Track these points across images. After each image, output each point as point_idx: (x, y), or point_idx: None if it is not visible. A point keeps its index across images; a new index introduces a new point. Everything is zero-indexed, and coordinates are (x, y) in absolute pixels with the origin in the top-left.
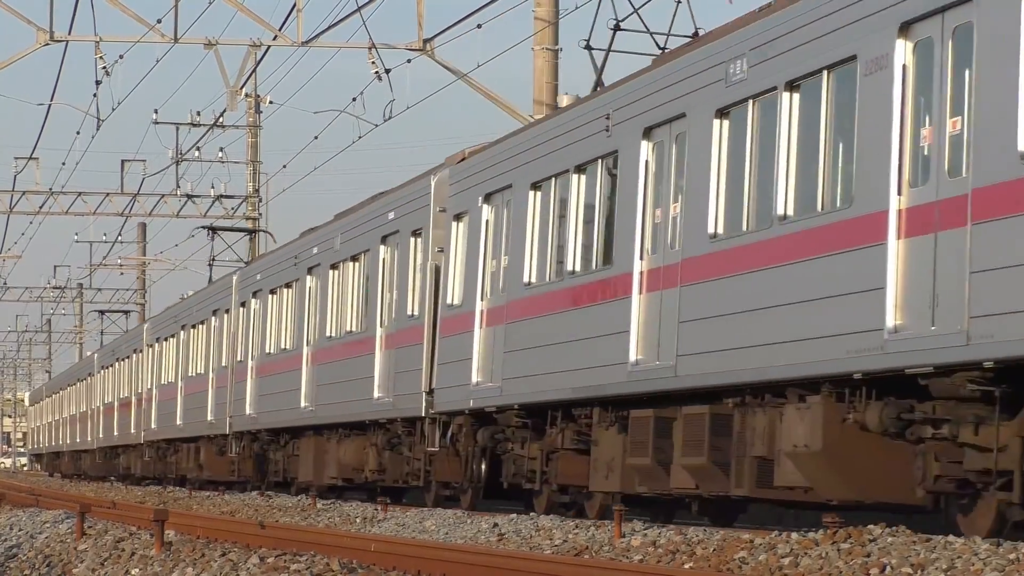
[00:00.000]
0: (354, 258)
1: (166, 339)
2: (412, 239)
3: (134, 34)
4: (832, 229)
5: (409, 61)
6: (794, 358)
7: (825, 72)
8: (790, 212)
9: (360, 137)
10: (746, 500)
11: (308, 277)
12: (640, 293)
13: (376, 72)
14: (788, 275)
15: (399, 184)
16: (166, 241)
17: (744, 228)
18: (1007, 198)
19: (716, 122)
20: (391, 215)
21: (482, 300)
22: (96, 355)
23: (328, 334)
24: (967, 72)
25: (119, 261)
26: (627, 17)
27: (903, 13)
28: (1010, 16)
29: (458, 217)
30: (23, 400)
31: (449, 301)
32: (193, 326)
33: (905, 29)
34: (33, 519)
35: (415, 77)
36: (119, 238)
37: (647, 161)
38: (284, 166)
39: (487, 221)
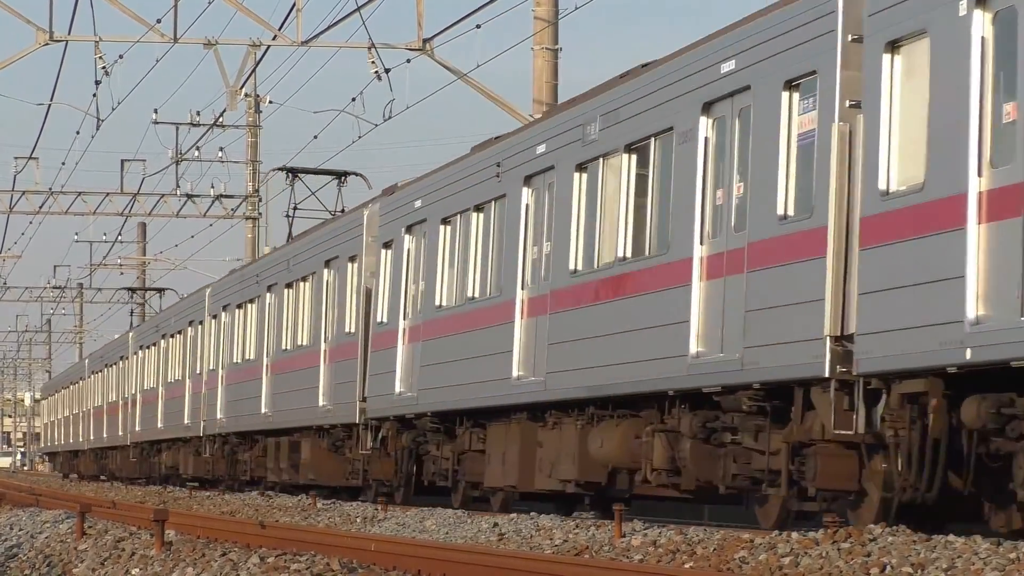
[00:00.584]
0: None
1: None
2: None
3: (134, 34)
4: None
5: (409, 61)
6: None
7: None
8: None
9: (360, 137)
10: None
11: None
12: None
13: (376, 72)
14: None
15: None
16: (166, 241)
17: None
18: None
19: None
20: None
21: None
22: (131, 334)
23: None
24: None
25: (119, 261)
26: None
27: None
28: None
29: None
30: (23, 400)
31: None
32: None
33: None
34: (33, 519)
35: (415, 77)
36: (119, 238)
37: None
38: (284, 166)
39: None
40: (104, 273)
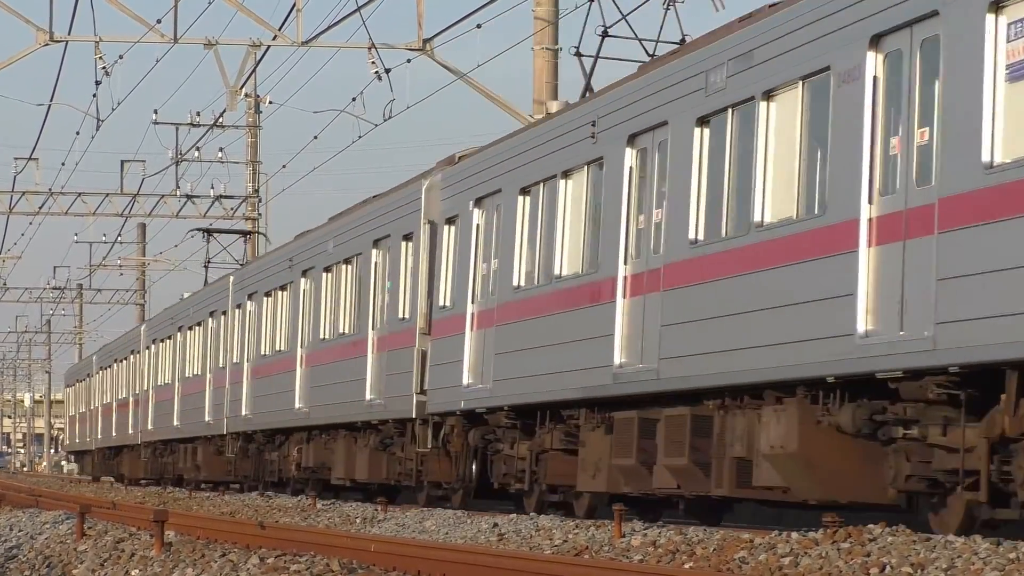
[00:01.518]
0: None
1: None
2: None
3: (134, 34)
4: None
5: (409, 61)
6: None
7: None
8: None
9: (360, 137)
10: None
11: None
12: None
13: (376, 72)
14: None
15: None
16: (166, 241)
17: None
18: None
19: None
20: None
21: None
22: (193, 298)
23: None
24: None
25: (119, 261)
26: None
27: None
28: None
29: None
30: (23, 401)
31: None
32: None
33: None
34: (33, 519)
35: (415, 77)
36: (119, 238)
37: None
38: (284, 166)
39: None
40: (104, 274)
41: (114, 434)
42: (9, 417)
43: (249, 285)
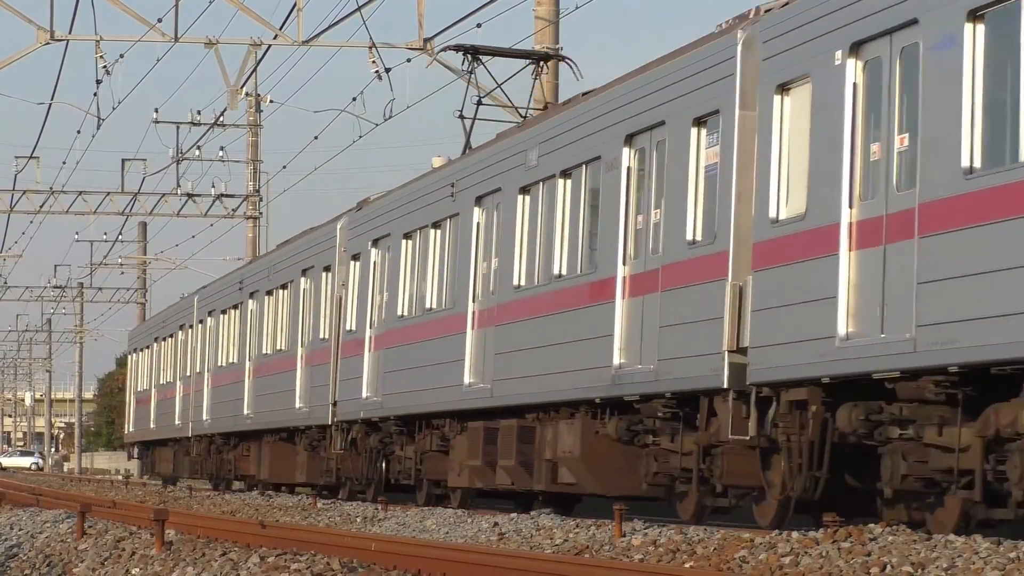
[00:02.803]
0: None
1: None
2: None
3: (134, 33)
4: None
5: (409, 60)
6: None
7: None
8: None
9: (360, 137)
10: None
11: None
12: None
13: (376, 71)
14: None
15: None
16: (167, 240)
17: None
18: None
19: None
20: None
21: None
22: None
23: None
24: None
25: (120, 260)
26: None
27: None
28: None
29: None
30: (23, 400)
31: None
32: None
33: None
34: (33, 519)
35: (415, 77)
36: (119, 237)
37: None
38: (284, 166)
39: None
40: (105, 273)
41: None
42: (9, 416)
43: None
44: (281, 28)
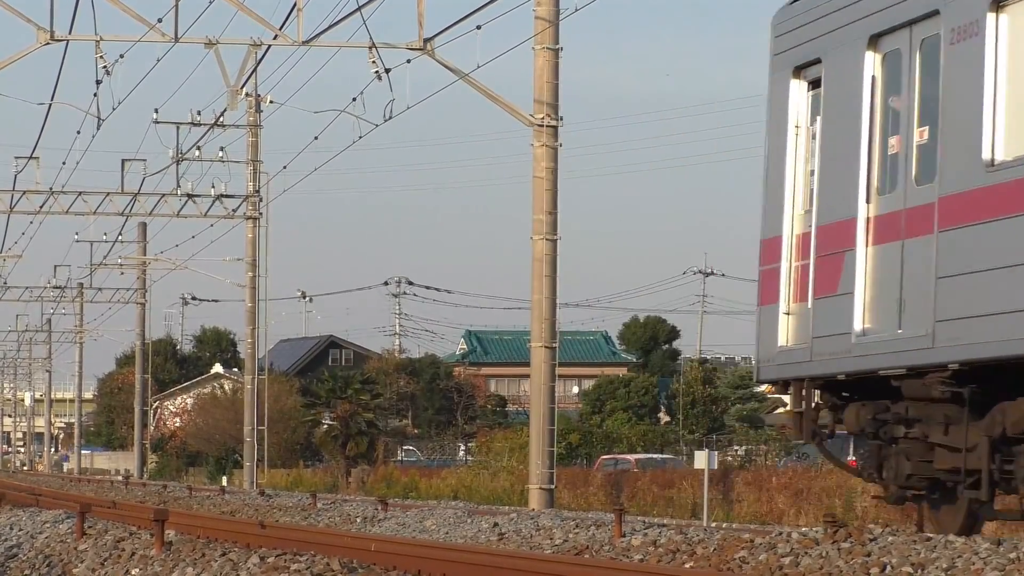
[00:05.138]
0: None
1: None
2: None
3: (134, 33)
4: None
5: (409, 61)
6: None
7: None
8: None
9: (360, 137)
10: None
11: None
12: None
13: (376, 72)
14: None
15: None
16: (167, 241)
17: None
18: None
19: None
20: None
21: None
22: None
23: None
24: None
25: (120, 261)
26: None
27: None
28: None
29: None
30: (23, 400)
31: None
32: None
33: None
34: (33, 519)
35: (415, 77)
36: (119, 238)
37: None
38: (284, 167)
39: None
40: (104, 273)
41: None
42: (9, 416)
43: None
44: (281, 28)
